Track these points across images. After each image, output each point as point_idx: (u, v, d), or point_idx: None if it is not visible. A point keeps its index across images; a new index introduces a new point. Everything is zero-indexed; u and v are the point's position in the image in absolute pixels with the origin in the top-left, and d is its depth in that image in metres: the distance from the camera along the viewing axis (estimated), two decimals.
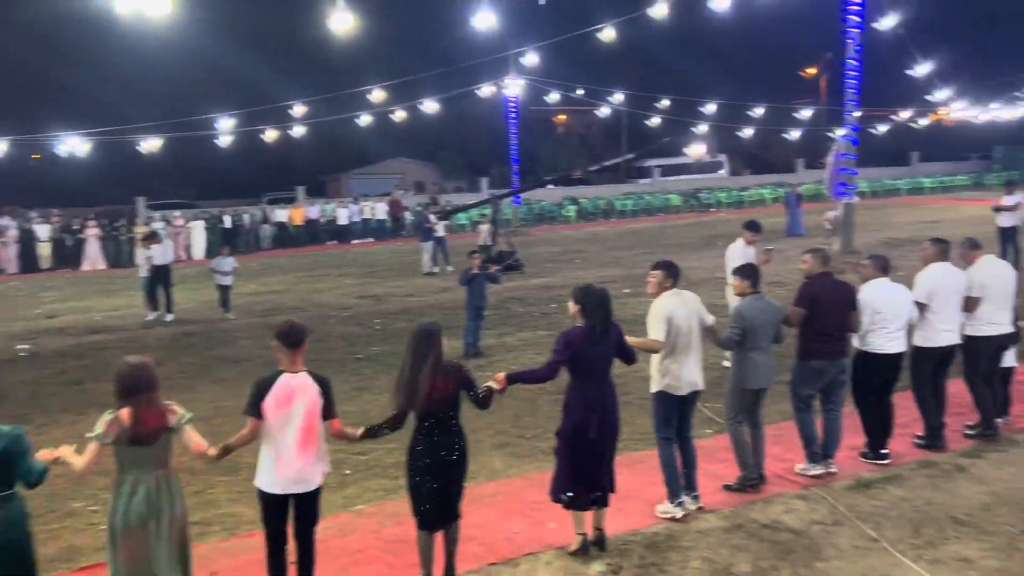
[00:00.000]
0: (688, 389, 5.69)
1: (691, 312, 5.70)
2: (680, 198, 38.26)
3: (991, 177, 42.68)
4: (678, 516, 5.63)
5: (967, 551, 5.05)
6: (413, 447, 4.73)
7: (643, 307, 13.03)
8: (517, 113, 32.22)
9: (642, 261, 20.12)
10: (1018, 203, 16.40)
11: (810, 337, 6.23)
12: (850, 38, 17.39)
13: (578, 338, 5.09)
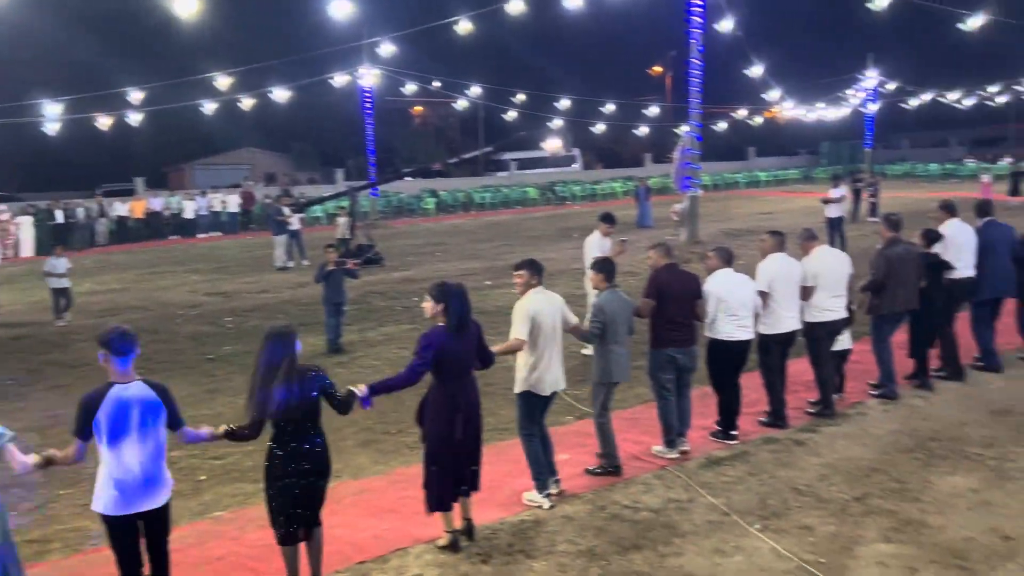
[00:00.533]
0: (551, 389, 5.79)
1: (555, 311, 5.79)
2: (537, 191, 38.95)
3: (819, 171, 46.18)
4: (545, 506, 5.76)
5: (807, 519, 5.46)
6: (271, 456, 4.50)
7: (505, 299, 13.29)
8: (373, 104, 31.71)
9: (502, 253, 20.38)
10: (843, 195, 17.86)
11: (661, 326, 6.51)
12: (693, 38, 18.28)
13: (440, 337, 5.04)
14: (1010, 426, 6.96)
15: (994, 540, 5.05)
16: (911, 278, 7.71)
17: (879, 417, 7.36)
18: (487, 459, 5.73)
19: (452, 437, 5.08)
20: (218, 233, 29.11)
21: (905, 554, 4.94)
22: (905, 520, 5.37)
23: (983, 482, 5.89)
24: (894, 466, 6.24)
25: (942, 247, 8.18)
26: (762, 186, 43.74)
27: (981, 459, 6.29)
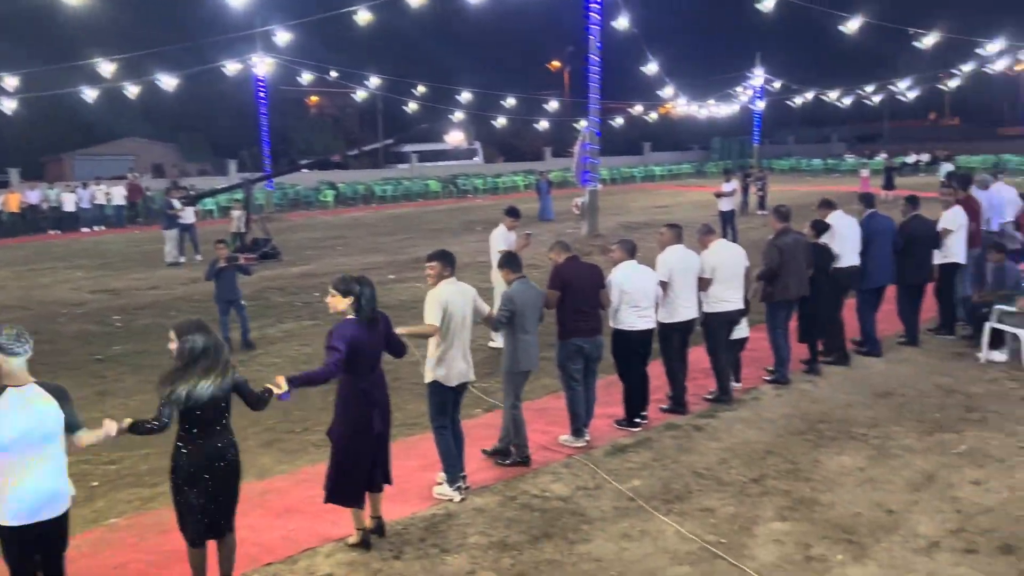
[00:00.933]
0: (458, 380, 5.82)
1: (467, 302, 5.82)
2: (438, 184, 38.82)
3: (710, 165, 47.86)
4: (456, 499, 5.77)
5: (708, 501, 5.67)
6: (177, 454, 4.33)
7: (408, 293, 13.20)
8: (267, 93, 30.78)
9: (405, 247, 20.22)
10: (735, 189, 18.57)
11: (568, 317, 6.65)
12: (591, 35, 18.56)
13: (352, 330, 4.98)
14: (891, 407, 7.42)
15: (879, 514, 5.38)
16: (801, 266, 8.11)
17: (772, 402, 7.71)
18: (397, 454, 5.73)
19: (368, 431, 5.03)
20: (102, 227, 27.68)
21: (799, 531, 5.20)
22: (799, 499, 5.65)
23: (868, 460, 6.26)
24: (787, 448, 6.55)
25: (829, 237, 8.62)
26: (657, 180, 44.97)
27: (866, 439, 6.68)
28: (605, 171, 37.08)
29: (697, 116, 42.30)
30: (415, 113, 38.17)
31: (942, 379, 8.13)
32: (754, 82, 40.13)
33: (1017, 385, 7.86)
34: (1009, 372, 8.25)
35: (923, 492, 5.68)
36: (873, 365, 8.72)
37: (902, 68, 40.43)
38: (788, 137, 57.62)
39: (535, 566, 4.88)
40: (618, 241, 7.30)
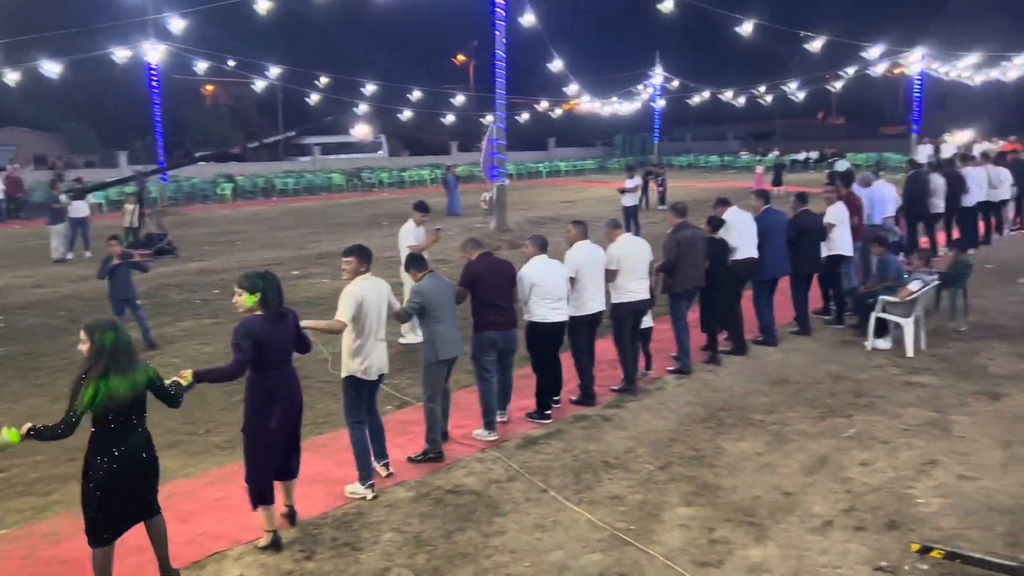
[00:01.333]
0: (376, 373, 5.84)
1: (382, 297, 5.85)
2: (342, 177, 38.16)
3: (613, 162, 48.82)
4: (368, 497, 5.74)
5: (617, 490, 5.82)
6: (93, 456, 4.20)
7: (314, 289, 12.96)
8: (160, 82, 29.49)
9: (309, 242, 19.80)
10: (638, 185, 19.02)
11: (481, 311, 6.76)
12: (497, 31, 18.64)
13: (258, 326, 4.91)
14: (787, 394, 7.78)
15: (777, 497, 5.64)
16: (699, 259, 8.46)
17: (676, 391, 7.96)
18: (307, 453, 5.65)
19: (271, 426, 4.98)
20: None
21: (703, 515, 5.40)
22: (702, 484, 5.87)
23: (766, 445, 6.55)
24: (691, 435, 6.79)
25: (725, 231, 8.97)
26: (563, 175, 45.54)
27: (764, 425, 6.99)
28: (511, 166, 37.26)
29: (600, 113, 43.01)
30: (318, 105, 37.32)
31: (832, 367, 8.58)
32: (654, 80, 41.15)
33: (900, 371, 8.37)
34: (892, 359, 8.78)
35: (817, 474, 5.99)
36: (769, 354, 9.11)
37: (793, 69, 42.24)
38: (686, 134, 59.39)
39: (450, 560, 4.90)
40: (530, 236, 7.42)
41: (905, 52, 34.95)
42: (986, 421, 6.89)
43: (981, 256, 13.74)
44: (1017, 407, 7.19)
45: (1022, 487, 5.63)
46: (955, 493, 5.59)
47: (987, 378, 8.01)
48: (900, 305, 9.00)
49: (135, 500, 4.35)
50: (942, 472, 5.93)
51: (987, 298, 11.28)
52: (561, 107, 43.32)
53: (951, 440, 6.51)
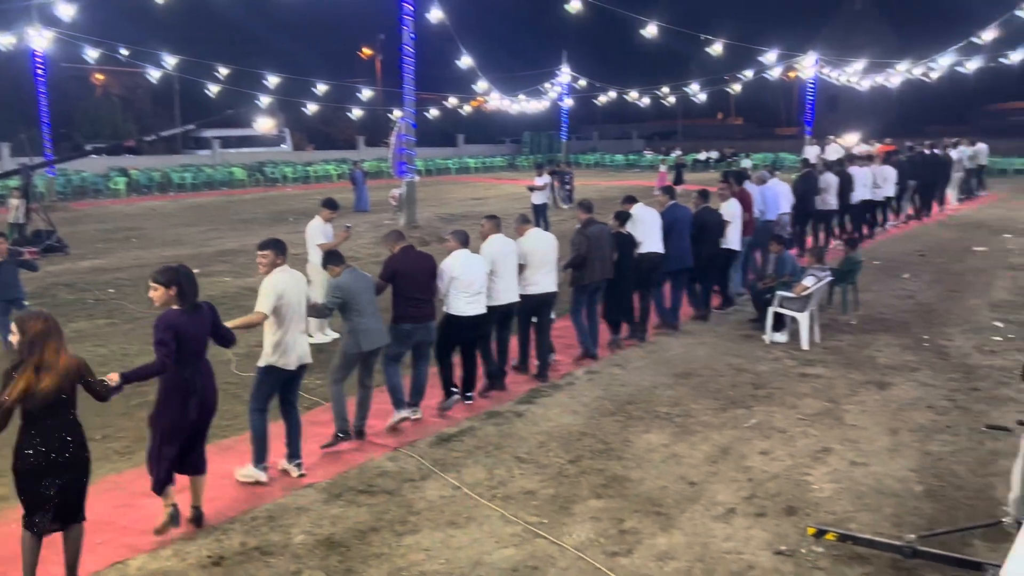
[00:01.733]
0: (297, 363, 5.93)
1: (300, 289, 5.97)
2: (244, 172, 37.08)
3: (522, 159, 49.15)
4: (263, 479, 5.84)
5: (530, 484, 5.89)
6: (20, 449, 4.18)
7: (216, 288, 12.56)
8: (47, 70, 27.92)
9: (210, 239, 19.18)
10: (547, 183, 19.21)
11: (400, 303, 6.96)
12: (405, 26, 18.48)
13: (177, 319, 4.96)
14: (691, 386, 8.04)
15: (683, 486, 5.83)
16: (605, 253, 8.81)
17: (586, 386, 8.11)
18: (213, 458, 5.54)
19: (185, 419, 5.04)
20: None
21: (613, 507, 5.53)
22: (611, 476, 6.01)
23: (671, 436, 6.76)
24: (600, 429, 6.93)
25: (632, 226, 9.31)
26: (472, 172, 45.58)
27: (669, 417, 7.21)
28: (420, 162, 37.02)
29: (509, 111, 43.22)
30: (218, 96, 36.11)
31: (734, 359, 8.91)
32: (561, 79, 41.63)
33: (796, 363, 8.77)
34: (789, 351, 9.18)
35: (720, 464, 6.22)
36: (674, 347, 9.40)
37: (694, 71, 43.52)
38: (593, 133, 60.35)
39: (363, 560, 4.86)
40: (452, 231, 7.61)
41: (799, 57, 36.52)
42: (875, 410, 7.30)
43: (868, 253, 14.50)
44: (902, 396, 7.64)
45: (907, 471, 6.00)
46: (847, 478, 5.90)
47: (875, 369, 8.49)
48: (796, 300, 9.42)
49: (62, 495, 4.29)
50: (835, 459, 6.25)
51: (875, 292, 11.94)
52: (470, 104, 43.31)
53: (843, 428, 6.87)
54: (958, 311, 10.87)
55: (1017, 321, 10.14)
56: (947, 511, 5.35)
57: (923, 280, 12.91)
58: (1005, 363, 8.47)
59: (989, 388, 7.76)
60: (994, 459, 6.12)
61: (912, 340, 9.52)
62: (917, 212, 19.89)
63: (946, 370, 8.37)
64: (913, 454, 6.30)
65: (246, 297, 11.61)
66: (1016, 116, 59.42)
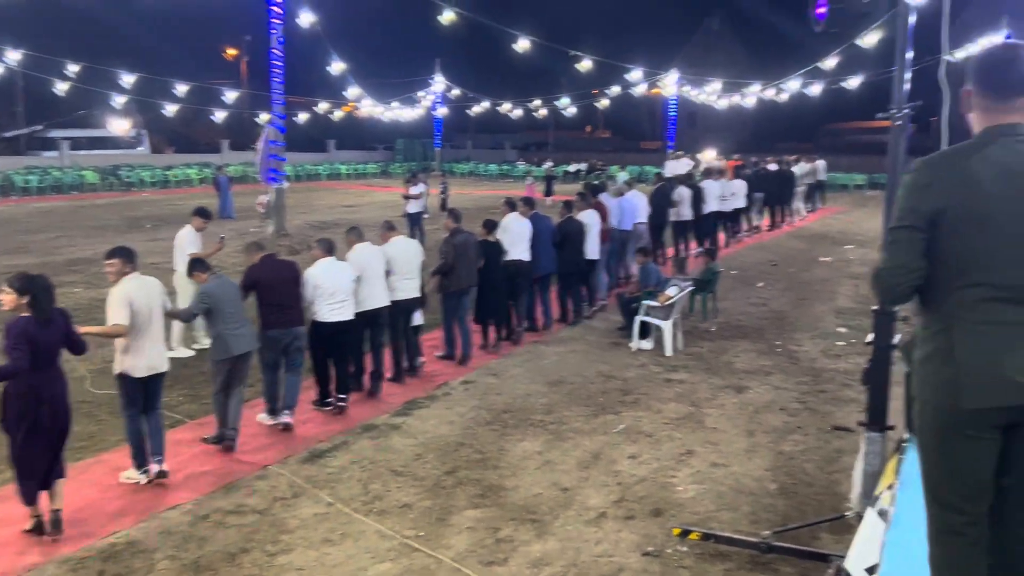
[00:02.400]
0: (147, 372, 5.92)
1: (152, 296, 5.94)
2: (96, 175, 34.94)
3: (395, 166, 48.77)
4: (143, 481, 5.90)
5: (406, 497, 5.88)
6: None
7: (68, 299, 11.80)
8: None
9: (60, 247, 17.99)
10: (422, 192, 19.14)
11: (266, 311, 7.12)
12: (274, 29, 18.01)
13: (28, 327, 4.94)
14: (563, 393, 8.25)
15: (556, 493, 5.98)
16: (472, 261, 9.18)
17: (461, 396, 8.17)
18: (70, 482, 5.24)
19: (36, 426, 5.01)
20: None
21: (489, 516, 5.60)
22: (488, 486, 6.08)
23: (545, 444, 6.91)
24: (476, 439, 7.00)
25: (502, 233, 9.74)
26: (343, 179, 44.81)
27: (543, 424, 7.37)
28: (290, 168, 36.04)
29: (382, 117, 42.82)
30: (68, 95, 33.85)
31: (602, 367, 9.21)
32: (435, 88, 41.69)
33: (661, 369, 9.16)
34: (654, 358, 9.58)
35: (591, 469, 6.42)
36: (547, 356, 9.61)
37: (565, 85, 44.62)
38: (467, 142, 60.68)
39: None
40: (318, 240, 7.77)
41: (662, 75, 38.15)
42: (733, 413, 7.73)
43: (726, 262, 15.33)
44: (757, 399, 8.13)
45: (762, 471, 6.39)
46: (709, 479, 6.23)
47: (733, 374, 8.99)
48: (660, 309, 9.84)
49: None
50: (698, 461, 6.58)
51: (732, 300, 12.64)
52: (341, 109, 42.60)
53: (705, 431, 7.24)
54: (807, 318, 11.67)
55: (858, 327, 10.98)
56: (798, 507, 5.75)
57: (776, 288, 13.78)
58: (848, 366, 9.17)
59: (834, 390, 8.38)
60: (839, 457, 6.62)
61: (766, 346, 10.15)
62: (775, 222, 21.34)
63: (796, 374, 8.97)
64: (768, 454, 6.72)
65: (99, 309, 10.92)
66: (854, 135, 64.44)
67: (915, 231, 2.66)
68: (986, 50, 2.79)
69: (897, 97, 4.82)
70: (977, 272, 2.63)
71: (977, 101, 2.73)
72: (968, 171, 2.61)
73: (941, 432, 2.71)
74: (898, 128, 4.86)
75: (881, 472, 4.65)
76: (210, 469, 6.30)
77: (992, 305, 2.63)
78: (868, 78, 31.09)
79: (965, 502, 2.74)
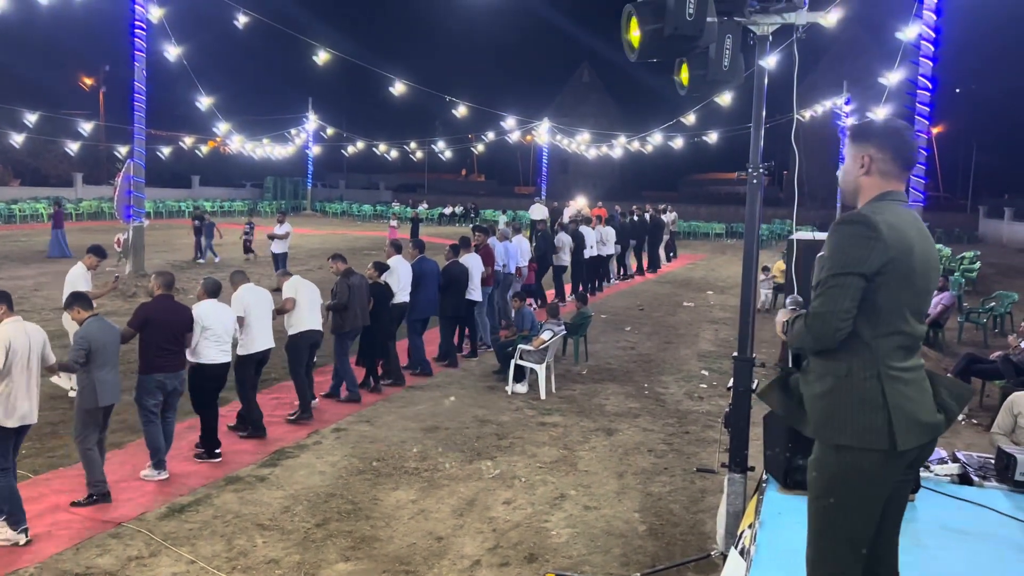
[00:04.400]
0: (20, 422, 5.66)
1: (35, 343, 5.74)
2: None
3: (264, 204, 47.44)
4: (21, 542, 5.56)
5: (273, 552, 5.63)
6: None
7: None
8: None
9: None
10: (288, 232, 18.72)
11: (150, 353, 6.82)
12: (137, 62, 17.30)
13: None
14: (438, 439, 8.18)
15: (431, 542, 5.90)
16: (364, 301, 9.36)
17: (333, 444, 7.95)
18: None
19: None
20: None
21: (361, 569, 5.45)
22: (360, 538, 5.92)
23: (420, 492, 6.82)
24: (348, 489, 6.82)
25: (389, 276, 10.01)
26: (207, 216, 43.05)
27: (418, 472, 7.27)
28: (150, 204, 34.43)
29: (252, 153, 41.70)
30: None
31: (478, 411, 9.22)
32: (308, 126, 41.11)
33: (535, 412, 9.27)
34: (529, 401, 9.69)
35: (466, 516, 6.38)
36: (422, 401, 9.53)
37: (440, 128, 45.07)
38: (340, 181, 59.97)
39: None
40: (203, 280, 7.61)
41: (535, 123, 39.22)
42: (604, 455, 7.90)
43: (596, 307, 15.78)
44: (627, 441, 8.36)
45: (632, 512, 6.55)
46: (581, 522, 6.32)
47: (604, 416, 9.21)
48: (534, 352, 9.99)
49: None
50: (570, 504, 6.67)
51: (602, 344, 13.00)
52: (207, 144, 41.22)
53: (577, 474, 7.36)
54: (672, 360, 12.15)
55: (719, 370, 11.53)
56: (666, 547, 5.91)
57: (643, 332, 14.28)
58: (710, 408, 9.58)
59: (698, 431, 8.73)
60: (703, 496, 6.88)
61: (635, 388, 10.47)
62: (643, 267, 22.20)
63: (663, 416, 9.30)
64: (637, 496, 6.90)
65: None
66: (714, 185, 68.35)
67: (861, 279, 2.81)
68: (897, 125, 3.04)
69: (753, 157, 5.17)
70: (898, 321, 2.87)
71: (882, 168, 2.97)
72: (901, 230, 2.85)
73: (871, 474, 2.85)
74: (755, 185, 5.21)
75: (743, 512, 4.87)
76: (58, 526, 5.82)
77: (906, 353, 2.90)
78: (725, 132, 33.16)
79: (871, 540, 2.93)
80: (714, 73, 4.58)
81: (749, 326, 5.19)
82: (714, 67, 4.61)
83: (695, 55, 4.72)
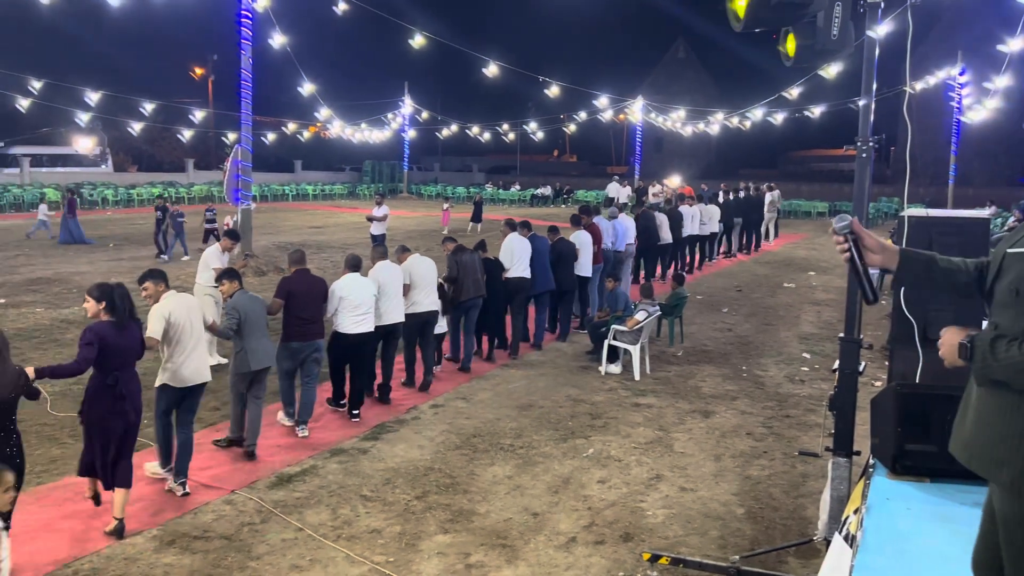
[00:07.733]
0: (190, 383, 6.22)
1: (190, 310, 6.24)
2: (58, 193, 34.29)
3: (362, 188, 48.66)
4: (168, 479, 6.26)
5: (375, 523, 5.83)
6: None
7: (27, 320, 11.56)
8: None
9: (17, 265, 17.63)
10: (386, 214, 19.14)
11: (290, 323, 7.54)
12: (244, 51, 17.95)
13: (103, 331, 5.34)
14: (532, 418, 8.26)
15: (527, 518, 5.98)
16: (476, 275, 9.89)
17: (431, 420, 8.14)
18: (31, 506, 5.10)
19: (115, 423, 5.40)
20: None
21: (460, 541, 5.58)
22: (458, 511, 6.06)
23: (515, 469, 6.91)
24: (446, 463, 6.98)
25: (501, 252, 10.54)
26: (310, 199, 44.55)
27: (513, 449, 7.37)
28: (255, 188, 35.78)
29: (350, 138, 42.76)
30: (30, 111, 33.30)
31: (572, 391, 9.25)
32: (404, 110, 41.80)
33: (629, 393, 9.23)
34: (623, 382, 9.65)
35: (561, 494, 6.43)
36: (516, 380, 9.63)
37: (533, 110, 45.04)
38: (435, 164, 60.81)
39: None
40: (346, 256, 8.39)
41: (628, 102, 38.66)
42: (700, 437, 7.81)
43: (692, 288, 15.52)
44: (724, 423, 8.22)
45: (730, 495, 6.46)
46: (677, 504, 6.27)
47: (700, 398, 9.08)
48: (628, 333, 9.93)
49: None
50: (666, 486, 6.63)
51: (698, 325, 12.79)
52: (309, 130, 42.49)
53: (673, 456, 7.30)
54: (771, 343, 11.84)
55: (821, 352, 11.18)
56: (765, 531, 5.81)
57: (741, 314, 13.97)
58: (812, 392, 9.32)
59: (799, 415, 8.51)
60: (804, 481, 6.71)
61: (732, 370, 10.27)
62: (747, 247, 21.80)
63: (762, 399, 9.09)
64: (735, 479, 6.79)
65: (61, 330, 10.73)
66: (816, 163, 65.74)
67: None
68: None
69: (863, 130, 4.97)
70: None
71: None
72: None
73: None
74: (864, 159, 5.00)
75: (848, 497, 4.73)
76: (170, 500, 6.17)
77: None
78: (830, 107, 31.84)
79: None
80: (822, 43, 4.41)
81: (856, 306, 5.01)
82: (822, 36, 4.43)
83: (802, 24, 4.55)
